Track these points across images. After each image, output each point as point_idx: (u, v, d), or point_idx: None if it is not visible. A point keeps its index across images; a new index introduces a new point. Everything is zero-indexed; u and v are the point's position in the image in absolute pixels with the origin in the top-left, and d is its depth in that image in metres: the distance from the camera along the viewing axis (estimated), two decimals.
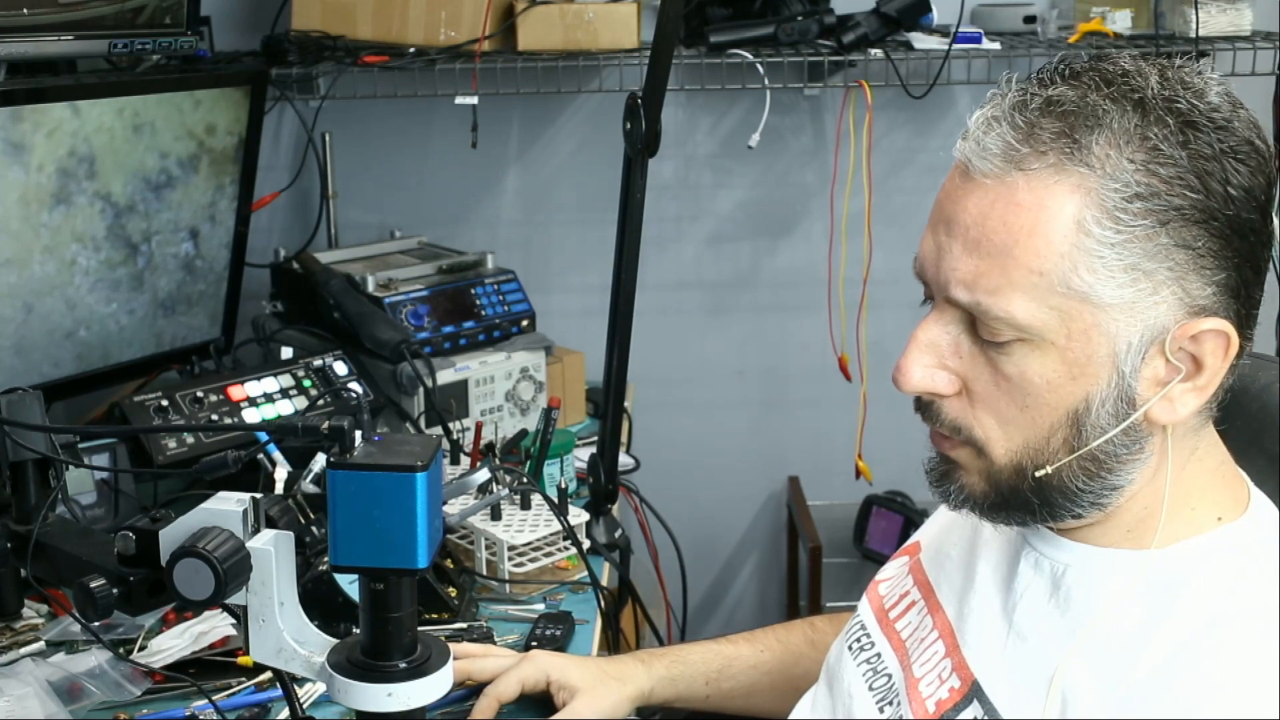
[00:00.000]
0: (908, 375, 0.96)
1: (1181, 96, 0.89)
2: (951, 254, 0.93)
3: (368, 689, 0.96)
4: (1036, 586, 1.00)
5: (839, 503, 2.57)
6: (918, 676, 1.05)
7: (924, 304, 1.00)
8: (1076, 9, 2.34)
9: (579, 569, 1.64)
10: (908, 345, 0.97)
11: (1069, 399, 0.92)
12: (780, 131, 2.49)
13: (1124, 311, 0.89)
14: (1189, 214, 0.88)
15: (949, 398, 0.97)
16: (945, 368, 0.96)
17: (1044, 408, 0.93)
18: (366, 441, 0.96)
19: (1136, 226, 0.88)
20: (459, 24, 2.18)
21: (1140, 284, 0.89)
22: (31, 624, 1.49)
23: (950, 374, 0.96)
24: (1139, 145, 0.88)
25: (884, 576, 1.21)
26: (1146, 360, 0.91)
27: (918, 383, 0.96)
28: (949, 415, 0.97)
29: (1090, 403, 0.92)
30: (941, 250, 0.94)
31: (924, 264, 0.97)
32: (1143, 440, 0.93)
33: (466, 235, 2.48)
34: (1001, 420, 0.95)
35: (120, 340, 1.94)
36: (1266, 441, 1.09)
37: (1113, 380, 0.91)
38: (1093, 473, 0.94)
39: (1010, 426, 0.94)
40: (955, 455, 0.99)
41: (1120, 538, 0.97)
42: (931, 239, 0.96)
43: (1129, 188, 0.88)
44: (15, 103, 1.70)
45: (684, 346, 2.61)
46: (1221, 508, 0.97)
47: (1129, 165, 0.88)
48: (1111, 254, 0.88)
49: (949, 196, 0.95)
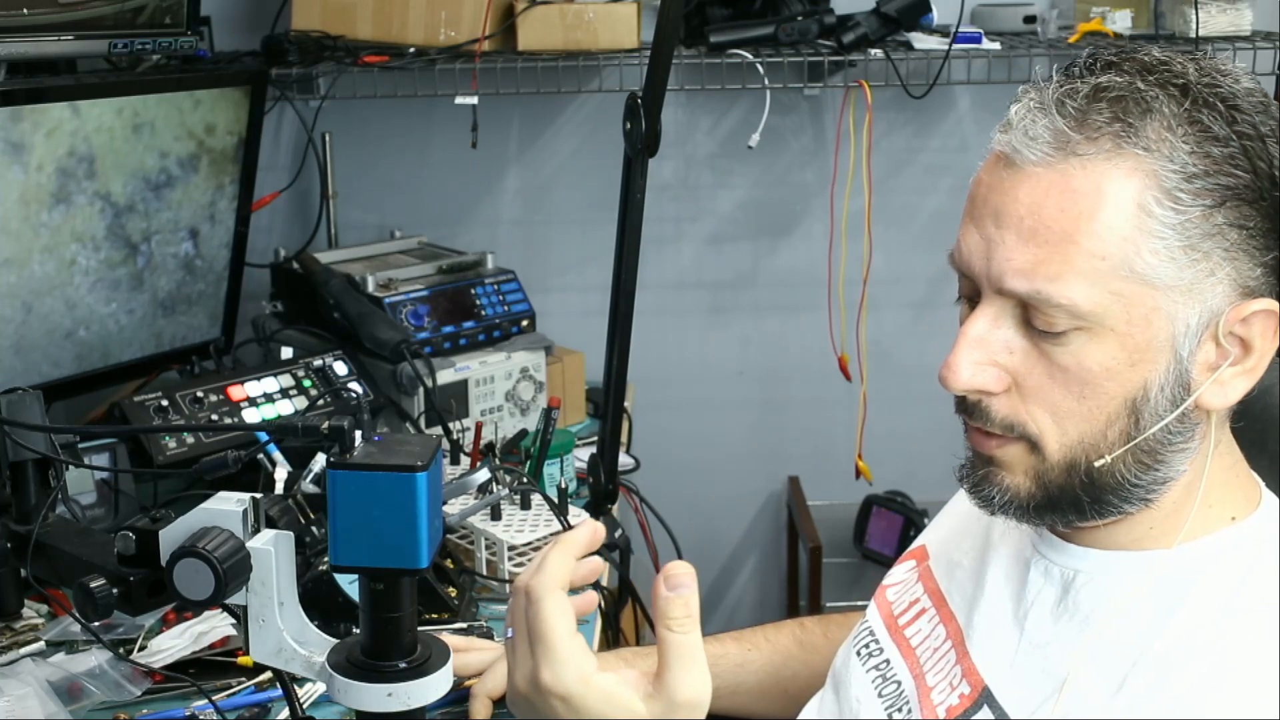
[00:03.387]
0: (957, 373, 0.94)
1: (1220, 82, 0.91)
2: (1005, 245, 0.91)
3: (368, 689, 0.96)
4: (1047, 593, 1.00)
5: (839, 503, 2.57)
6: (931, 685, 1.05)
7: (958, 301, 0.98)
8: (1076, 9, 2.34)
9: None
10: (956, 342, 0.95)
11: (1127, 387, 0.91)
12: (780, 131, 2.49)
13: (1184, 293, 0.89)
14: (1241, 193, 0.89)
15: (998, 395, 0.94)
16: (995, 364, 0.94)
17: (1102, 397, 0.91)
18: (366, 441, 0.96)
19: (1195, 207, 0.88)
20: (459, 24, 2.18)
21: (1199, 264, 0.89)
22: (31, 624, 1.49)
23: (999, 370, 0.94)
24: (1190, 128, 0.89)
25: (892, 582, 1.21)
26: (1201, 344, 0.91)
27: (968, 381, 0.94)
28: (1000, 413, 0.95)
29: (1149, 390, 0.91)
30: (992, 243, 0.93)
31: (969, 259, 0.95)
32: (1193, 428, 0.93)
33: (466, 235, 2.48)
34: (1057, 414, 0.93)
35: (120, 340, 1.94)
36: (1270, 442, 1.10)
37: (1171, 365, 0.91)
38: (1146, 465, 0.93)
39: (1066, 420, 0.93)
40: (1002, 454, 0.96)
41: (1139, 537, 0.96)
42: (976, 233, 0.94)
43: (1186, 168, 0.88)
44: (15, 103, 1.70)
45: (684, 346, 2.61)
46: (1235, 506, 0.97)
47: (1183, 147, 0.88)
48: (1172, 235, 0.88)
49: (994, 189, 0.93)
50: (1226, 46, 2.13)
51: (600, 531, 0.96)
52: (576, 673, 0.84)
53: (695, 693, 0.82)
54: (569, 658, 0.84)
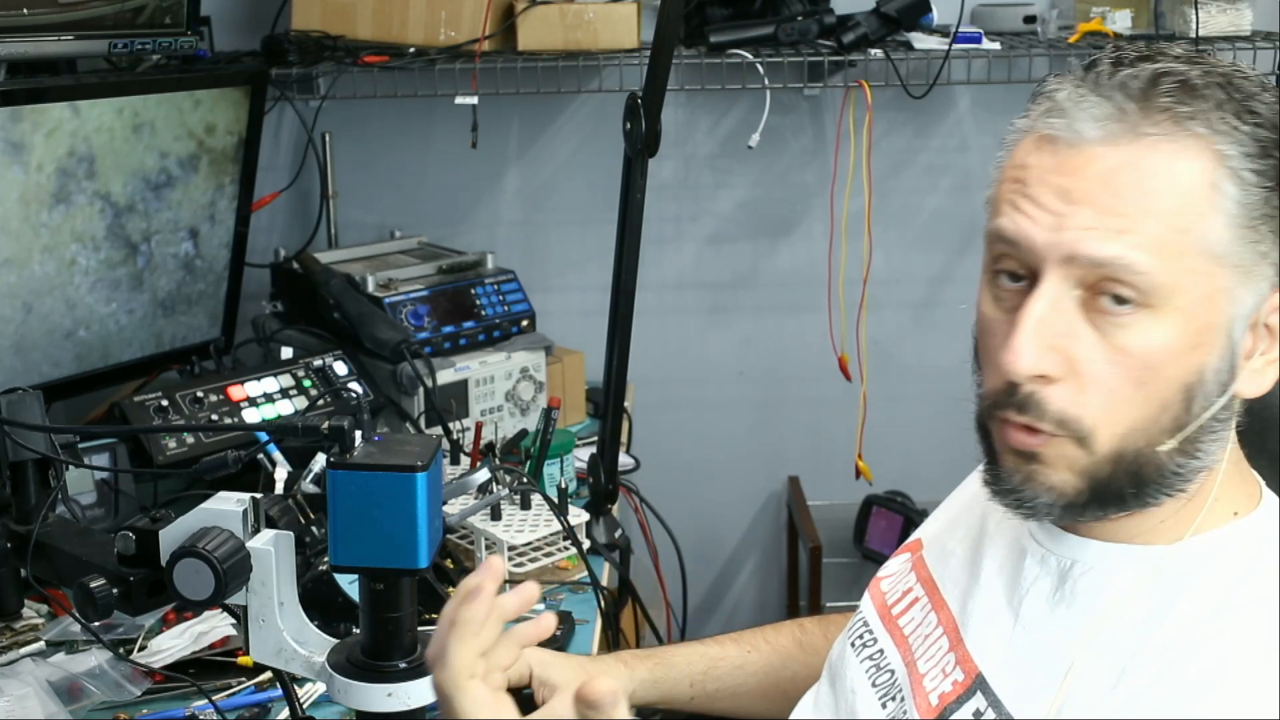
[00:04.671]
0: (1022, 356, 0.90)
1: (1250, 77, 0.93)
2: (1080, 217, 0.89)
3: (368, 689, 0.96)
4: (1043, 582, 1.00)
5: (839, 503, 2.57)
6: (923, 672, 1.05)
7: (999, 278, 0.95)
8: (1076, 9, 2.34)
9: (579, 569, 1.64)
10: (1018, 325, 0.91)
11: (1185, 370, 0.91)
12: (780, 131, 2.49)
13: (1244, 275, 0.90)
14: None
15: (1054, 384, 0.92)
16: (1055, 347, 0.91)
17: (1161, 381, 0.90)
18: (366, 441, 0.96)
19: (1258, 188, 0.89)
20: (459, 24, 2.18)
21: (1260, 246, 0.90)
22: (31, 624, 1.49)
23: (1059, 355, 0.91)
24: (1247, 114, 0.90)
25: (886, 573, 1.21)
26: (1246, 329, 0.92)
27: (1032, 365, 0.90)
28: (1055, 406, 0.92)
29: (1203, 374, 0.91)
30: (1062, 216, 0.90)
31: (1029, 232, 0.92)
32: (1230, 416, 0.94)
33: (466, 235, 2.48)
34: (1112, 401, 0.91)
35: (120, 340, 1.94)
36: (1270, 442, 1.10)
37: (1225, 350, 0.91)
38: (1188, 453, 0.93)
39: (1121, 408, 0.91)
40: (1047, 451, 0.93)
41: (1146, 530, 0.96)
42: (1037, 210, 0.92)
43: (1245, 149, 0.90)
44: (15, 103, 1.70)
45: (684, 346, 2.61)
46: (1237, 503, 0.97)
47: (1245, 131, 0.90)
48: (1239, 213, 0.89)
49: (1054, 169, 0.92)
50: (1227, 46, 2.13)
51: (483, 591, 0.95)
52: None
53: None
54: None
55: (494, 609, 0.97)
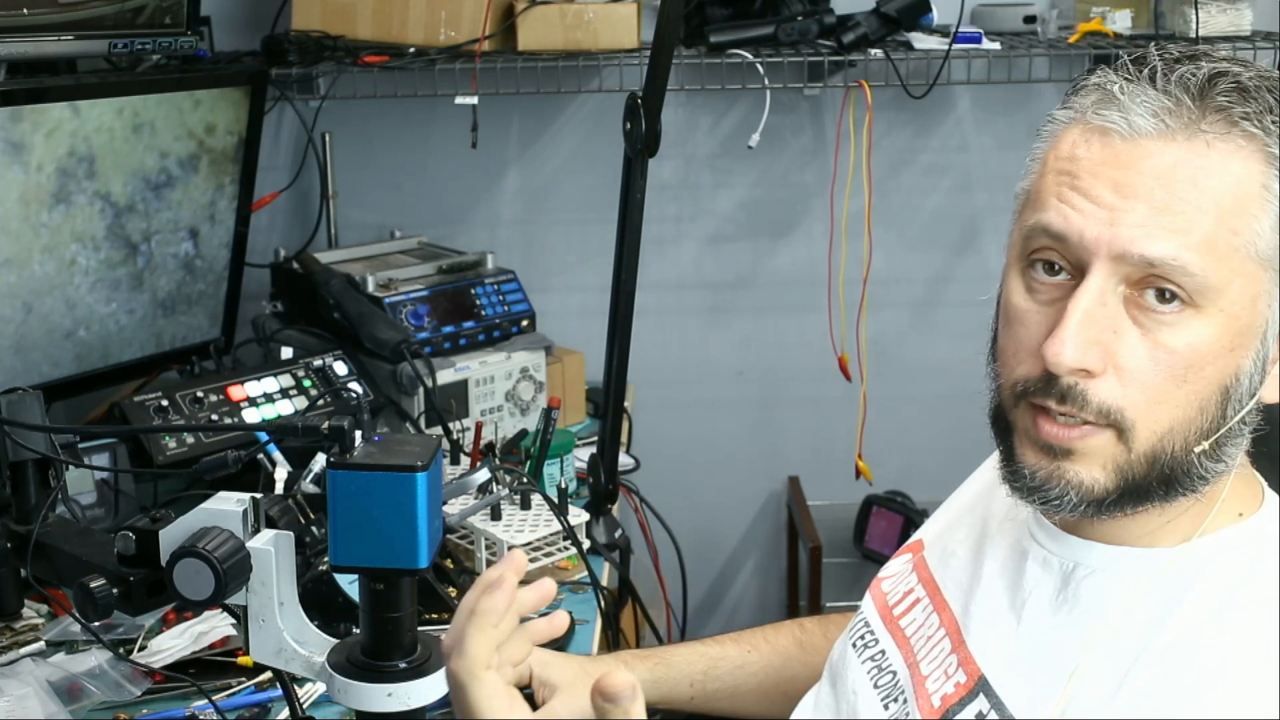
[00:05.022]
0: (1068, 348, 0.89)
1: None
2: (1135, 213, 0.89)
3: (368, 689, 0.96)
4: (1045, 584, 1.00)
5: (839, 503, 2.57)
6: (925, 674, 1.05)
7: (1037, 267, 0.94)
8: (1076, 9, 2.34)
9: (579, 569, 1.64)
10: (1064, 318, 0.91)
11: (1224, 371, 0.91)
12: (780, 131, 2.49)
13: None
14: None
15: (1097, 378, 0.91)
16: (1099, 343, 0.90)
17: (1202, 381, 0.90)
18: (366, 441, 0.96)
19: None
20: (459, 24, 2.18)
21: None
22: (31, 624, 1.49)
23: (1103, 349, 0.91)
24: None
25: (887, 574, 1.21)
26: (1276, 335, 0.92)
27: (1076, 359, 0.90)
28: (1098, 398, 0.91)
29: (1240, 376, 0.91)
30: (1116, 210, 0.90)
31: (1080, 227, 0.91)
32: (1254, 421, 0.94)
33: (466, 235, 2.48)
34: (1154, 399, 0.91)
35: (120, 340, 1.94)
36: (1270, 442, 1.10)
37: (1258, 353, 0.91)
38: (1216, 455, 0.93)
39: (1161, 406, 0.91)
40: (1084, 445, 0.93)
41: (1150, 532, 0.96)
42: (1088, 204, 0.91)
43: None
44: (15, 103, 1.70)
45: (684, 346, 2.61)
46: (1242, 503, 0.98)
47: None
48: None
49: (1106, 162, 0.91)
50: (1227, 46, 2.13)
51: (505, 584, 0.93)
52: None
53: None
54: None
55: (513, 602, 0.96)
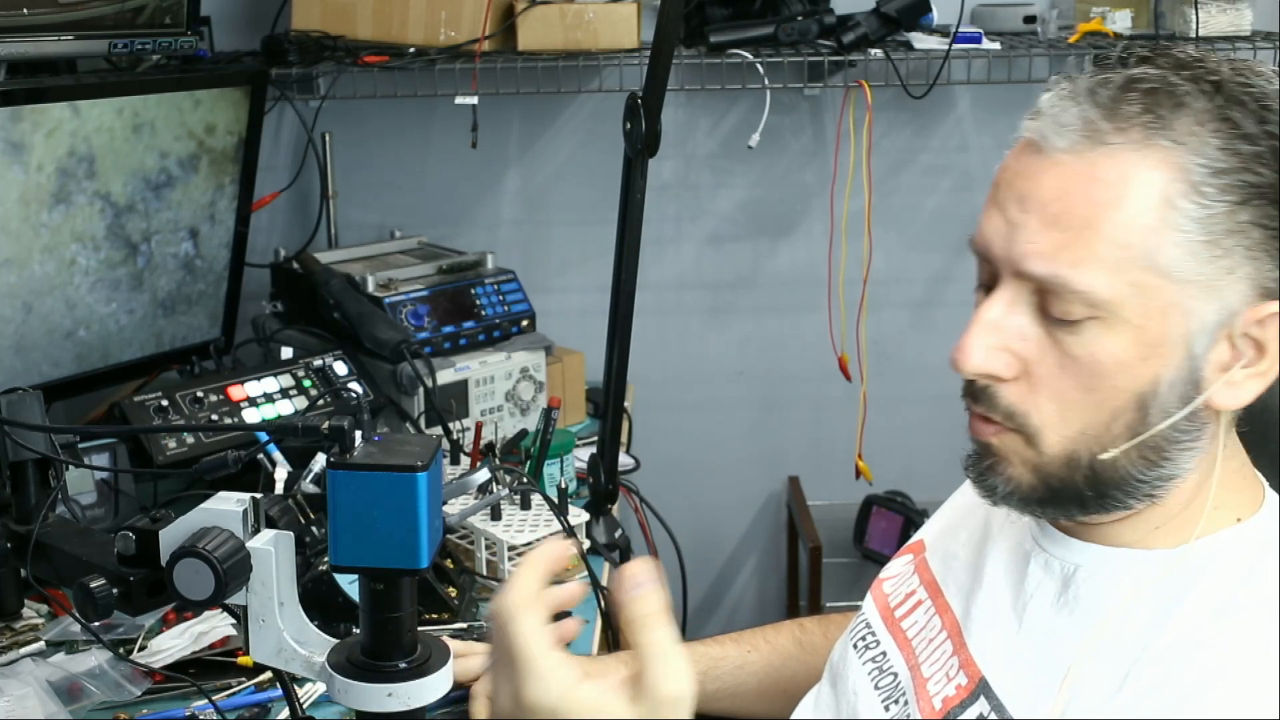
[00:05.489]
0: (969, 355, 0.94)
1: (1254, 82, 0.91)
2: (1028, 229, 0.91)
3: (368, 689, 0.96)
4: (1046, 587, 1.00)
5: (839, 503, 2.57)
6: (927, 676, 1.05)
7: (978, 289, 0.98)
8: (1076, 9, 2.34)
9: (579, 569, 1.64)
10: (970, 325, 0.94)
11: (1137, 381, 0.91)
12: (780, 131, 2.49)
13: (1203, 289, 0.89)
14: (1267, 192, 0.89)
15: (1007, 382, 0.94)
16: (1007, 349, 0.94)
17: (1110, 390, 0.91)
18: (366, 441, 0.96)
19: (1220, 202, 0.88)
20: (459, 24, 2.18)
21: (1220, 261, 0.89)
22: (31, 624, 1.49)
23: (1011, 356, 0.94)
24: (1220, 124, 0.89)
25: (888, 575, 1.21)
26: (1215, 342, 0.91)
27: (979, 364, 0.94)
28: (1006, 400, 0.95)
29: (1158, 385, 0.91)
30: (1014, 226, 0.92)
31: (989, 242, 0.95)
32: (1201, 428, 0.94)
33: (466, 235, 2.48)
34: (1063, 405, 0.93)
35: (120, 340, 1.94)
36: (1270, 442, 1.10)
37: (1183, 362, 0.91)
38: (1152, 461, 0.93)
39: (1071, 411, 0.93)
40: (1001, 444, 0.96)
41: (1144, 535, 0.97)
42: (999, 216, 0.94)
43: (1213, 163, 0.88)
44: (15, 103, 1.70)
45: (684, 346, 2.61)
46: (1240, 507, 0.97)
47: (1212, 142, 0.89)
48: (1196, 229, 0.88)
49: (1020, 174, 0.93)
50: (1226, 46, 2.13)
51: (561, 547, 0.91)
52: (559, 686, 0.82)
53: (677, 688, 0.81)
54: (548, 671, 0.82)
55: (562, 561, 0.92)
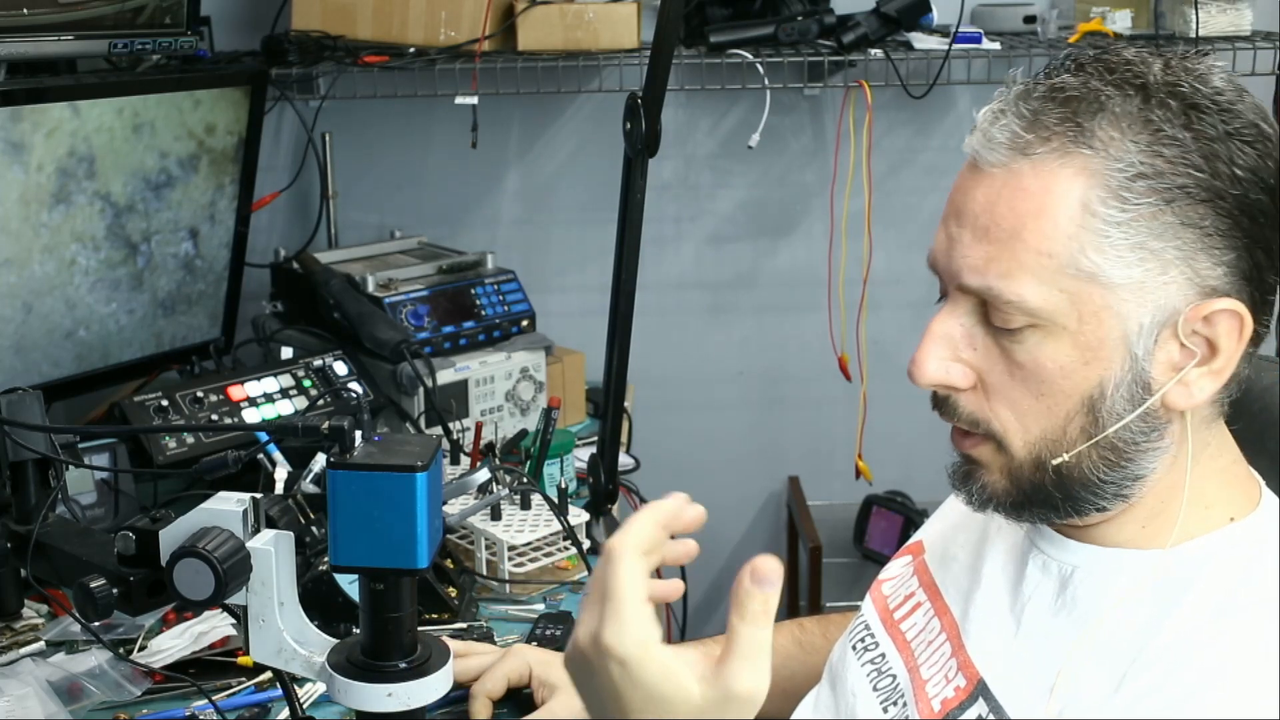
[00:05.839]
0: (923, 368, 0.96)
1: (1184, 81, 0.91)
2: (962, 243, 0.94)
3: (368, 689, 0.96)
4: (1044, 588, 1.00)
5: (839, 503, 2.57)
6: (925, 677, 1.05)
7: (939, 301, 1.00)
8: (1076, 9, 2.34)
9: (579, 569, 1.64)
10: (923, 338, 0.97)
11: (1083, 385, 0.92)
12: (780, 131, 2.49)
13: (1133, 292, 0.90)
14: (1194, 193, 0.89)
15: (965, 391, 0.97)
16: (960, 360, 0.96)
17: (1058, 395, 0.93)
18: (366, 441, 0.96)
19: (1141, 205, 0.89)
20: (459, 24, 2.18)
21: (1148, 263, 0.90)
22: (31, 624, 1.49)
23: (965, 366, 0.96)
24: (1142, 127, 0.90)
25: (887, 576, 1.21)
26: (1160, 343, 0.91)
27: (933, 375, 0.97)
28: (966, 409, 0.97)
29: (1105, 388, 0.92)
30: (953, 241, 0.95)
31: (936, 256, 0.98)
32: (1161, 428, 0.94)
33: (466, 235, 2.48)
34: (1018, 411, 0.95)
35: (120, 340, 1.94)
36: (1269, 442, 1.10)
37: (1126, 364, 0.92)
38: (1113, 462, 0.94)
39: (1027, 417, 0.95)
40: (977, 454, 0.99)
41: (1133, 535, 0.97)
42: (943, 231, 0.97)
43: (1132, 167, 0.89)
44: (15, 103, 1.70)
45: (684, 346, 2.61)
46: (1234, 507, 0.97)
47: (1132, 146, 0.89)
48: (1118, 233, 0.89)
49: (959, 190, 0.97)
50: (1227, 46, 2.13)
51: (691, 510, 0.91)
52: (638, 637, 0.81)
53: (753, 688, 0.80)
54: (633, 620, 0.81)
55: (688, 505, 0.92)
